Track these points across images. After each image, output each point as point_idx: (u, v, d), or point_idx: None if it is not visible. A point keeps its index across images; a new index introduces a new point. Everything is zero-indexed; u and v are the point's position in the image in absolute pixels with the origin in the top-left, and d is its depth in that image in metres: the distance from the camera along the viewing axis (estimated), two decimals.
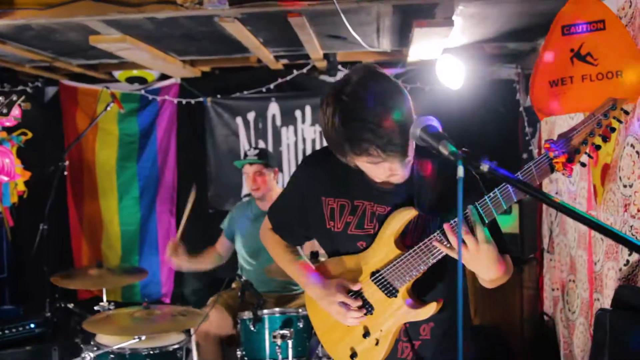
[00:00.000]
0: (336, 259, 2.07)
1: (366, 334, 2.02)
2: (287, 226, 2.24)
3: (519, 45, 4.60)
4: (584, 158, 1.63)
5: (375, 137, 1.66)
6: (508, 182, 1.50)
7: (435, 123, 1.61)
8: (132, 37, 4.01)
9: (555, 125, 3.96)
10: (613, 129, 1.60)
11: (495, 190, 1.69)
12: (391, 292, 1.95)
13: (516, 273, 4.45)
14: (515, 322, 4.30)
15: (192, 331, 3.77)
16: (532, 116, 4.72)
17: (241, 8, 3.33)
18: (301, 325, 3.47)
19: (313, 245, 3.49)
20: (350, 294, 2.00)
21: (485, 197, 1.70)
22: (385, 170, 1.79)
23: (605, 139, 1.61)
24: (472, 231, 1.70)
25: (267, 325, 3.47)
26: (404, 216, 1.90)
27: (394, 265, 1.91)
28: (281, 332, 3.23)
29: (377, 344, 2.00)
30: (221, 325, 3.88)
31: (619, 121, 1.60)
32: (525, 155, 4.89)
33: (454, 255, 1.76)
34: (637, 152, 2.65)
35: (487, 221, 1.71)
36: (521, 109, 4.83)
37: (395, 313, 1.96)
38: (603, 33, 2.70)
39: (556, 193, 4.13)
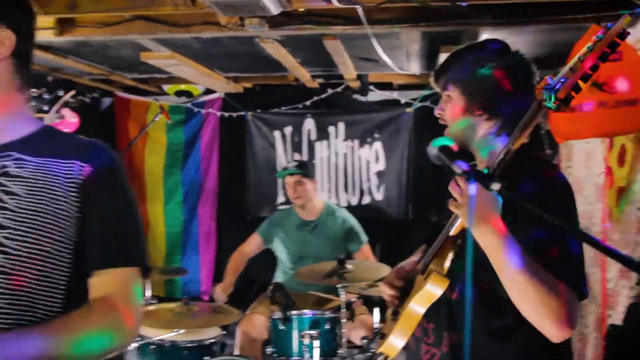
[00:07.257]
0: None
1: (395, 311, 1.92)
2: None
3: (543, 73, 4.71)
4: None
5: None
6: (516, 203, 1.41)
7: (450, 143, 1.61)
8: (179, 55, 4.26)
9: (573, 148, 4.09)
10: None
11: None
12: (424, 271, 1.81)
13: None
14: None
15: (237, 331, 3.99)
16: (553, 139, 4.84)
17: (280, 30, 3.50)
18: (328, 327, 3.60)
19: None
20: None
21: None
22: None
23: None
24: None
25: (295, 325, 3.61)
26: None
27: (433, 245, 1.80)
28: (309, 332, 3.40)
29: (394, 318, 1.87)
30: (261, 329, 4.01)
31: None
32: None
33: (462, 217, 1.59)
34: None
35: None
36: (542, 132, 4.95)
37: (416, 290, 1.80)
38: (619, 63, 2.75)
39: None
